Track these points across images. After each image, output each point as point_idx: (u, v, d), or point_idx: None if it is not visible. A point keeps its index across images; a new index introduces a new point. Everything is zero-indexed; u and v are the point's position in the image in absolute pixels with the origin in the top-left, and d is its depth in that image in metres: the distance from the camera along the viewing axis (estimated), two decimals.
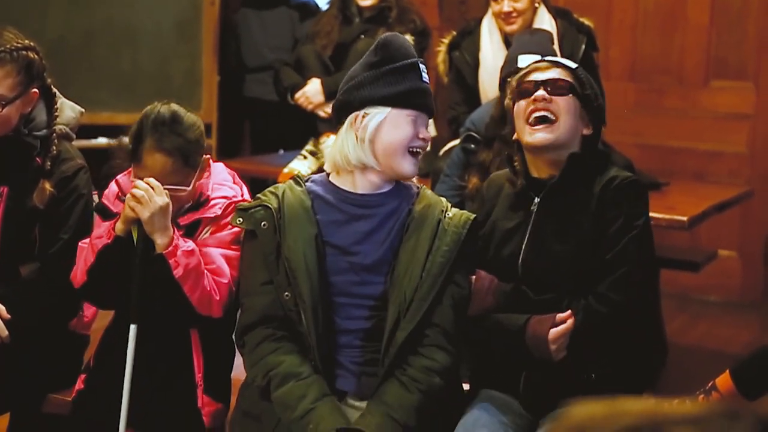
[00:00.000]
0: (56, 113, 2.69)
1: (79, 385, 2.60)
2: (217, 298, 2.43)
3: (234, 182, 2.61)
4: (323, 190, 2.37)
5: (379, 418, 2.18)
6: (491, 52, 3.94)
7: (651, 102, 5.36)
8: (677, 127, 5.23)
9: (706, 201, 3.71)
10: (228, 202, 2.52)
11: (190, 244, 2.43)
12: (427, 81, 2.38)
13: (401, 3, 4.44)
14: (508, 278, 2.45)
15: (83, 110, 2.82)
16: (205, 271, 2.43)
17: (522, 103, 2.47)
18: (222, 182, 2.58)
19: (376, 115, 2.31)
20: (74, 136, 2.79)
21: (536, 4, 3.93)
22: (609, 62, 5.18)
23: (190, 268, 2.39)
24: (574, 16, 4.03)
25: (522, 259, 2.43)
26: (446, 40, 4.14)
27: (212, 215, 2.51)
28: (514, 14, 3.88)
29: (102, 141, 5.07)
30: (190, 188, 2.47)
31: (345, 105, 2.37)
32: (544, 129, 2.42)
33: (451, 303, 2.30)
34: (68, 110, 2.76)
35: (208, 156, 2.56)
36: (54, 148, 2.65)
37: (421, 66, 2.37)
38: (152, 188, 2.38)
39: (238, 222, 2.35)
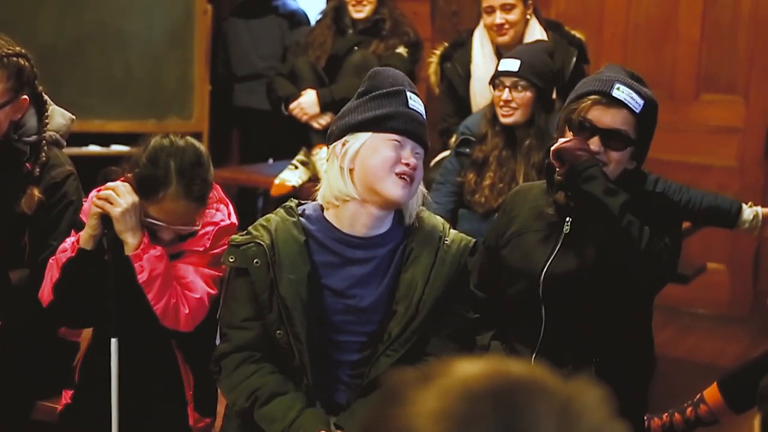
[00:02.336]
0: (46, 120, 2.69)
1: (66, 399, 2.58)
2: (186, 311, 2.37)
3: (218, 197, 2.54)
4: (317, 228, 2.27)
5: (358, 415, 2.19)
6: (483, 64, 3.95)
7: None
8: (667, 140, 5.24)
9: None
10: (216, 229, 2.46)
11: (158, 250, 2.37)
12: (417, 109, 2.25)
13: (394, 15, 4.45)
14: (528, 288, 2.45)
15: (74, 117, 2.82)
16: (175, 283, 2.38)
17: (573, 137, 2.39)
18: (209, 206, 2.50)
19: (356, 141, 2.22)
20: (65, 143, 2.78)
21: (528, 16, 3.95)
22: None
23: (155, 274, 2.34)
24: (565, 28, 4.04)
25: (546, 273, 2.43)
26: (438, 52, 4.16)
27: (201, 248, 2.45)
28: (506, 26, 3.90)
29: (93, 149, 5.07)
30: (198, 226, 2.44)
31: (329, 136, 2.30)
32: None
33: (449, 334, 2.27)
34: (59, 117, 2.75)
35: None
36: (43, 154, 2.64)
37: (410, 94, 2.25)
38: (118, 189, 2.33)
39: (229, 261, 2.25)
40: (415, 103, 2.25)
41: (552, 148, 2.41)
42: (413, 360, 2.23)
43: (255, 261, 2.21)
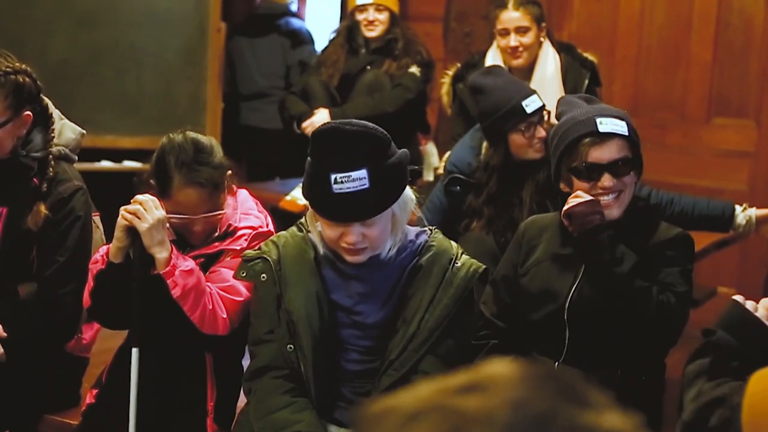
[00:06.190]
0: (52, 134, 2.68)
1: (90, 399, 2.58)
2: (224, 316, 2.41)
3: (258, 210, 2.59)
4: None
5: None
6: None
7: (653, 138, 5.36)
8: (678, 163, 5.23)
9: (706, 238, 3.70)
10: (254, 233, 2.50)
11: (188, 263, 2.40)
12: (344, 190, 2.07)
13: (407, 35, 4.47)
14: (553, 313, 2.52)
15: (84, 132, 2.82)
16: (209, 289, 2.41)
17: (584, 184, 2.51)
18: (248, 211, 2.56)
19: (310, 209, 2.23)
20: (75, 158, 2.78)
21: (541, 39, 3.95)
22: (611, 97, 5.19)
23: (189, 288, 2.36)
24: (577, 50, 4.05)
25: (571, 300, 2.51)
26: (451, 72, 4.16)
27: (237, 247, 2.48)
28: (521, 49, 3.90)
29: (105, 164, 5.08)
30: (225, 210, 2.49)
31: None
32: (612, 205, 2.51)
33: (444, 355, 2.24)
34: (69, 132, 2.75)
35: (231, 172, 2.55)
36: (51, 169, 2.64)
37: (334, 176, 2.08)
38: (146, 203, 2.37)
39: (242, 275, 2.30)
40: (343, 184, 2.08)
41: (563, 209, 2.51)
42: (408, 380, 2.20)
43: (262, 276, 2.26)
